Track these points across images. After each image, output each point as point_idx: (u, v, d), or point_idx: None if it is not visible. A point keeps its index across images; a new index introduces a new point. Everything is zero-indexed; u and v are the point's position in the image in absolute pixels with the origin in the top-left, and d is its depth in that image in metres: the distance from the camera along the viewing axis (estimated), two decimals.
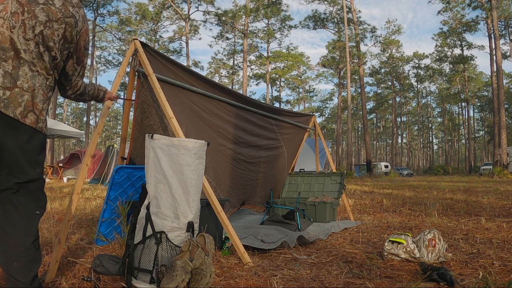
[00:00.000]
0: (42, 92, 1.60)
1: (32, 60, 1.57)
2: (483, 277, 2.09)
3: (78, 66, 1.81)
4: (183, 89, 3.36)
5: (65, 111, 53.74)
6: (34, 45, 1.57)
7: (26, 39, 1.56)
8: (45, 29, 1.59)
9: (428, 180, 18.21)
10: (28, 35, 1.56)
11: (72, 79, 1.83)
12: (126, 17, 32.91)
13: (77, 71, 1.82)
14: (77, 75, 1.84)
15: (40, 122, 1.59)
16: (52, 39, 1.62)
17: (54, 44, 1.63)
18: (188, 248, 1.81)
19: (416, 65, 47.25)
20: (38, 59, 1.59)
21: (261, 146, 4.67)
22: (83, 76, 1.89)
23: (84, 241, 3.10)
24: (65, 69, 1.77)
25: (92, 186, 10.61)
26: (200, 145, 2.00)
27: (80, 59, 1.80)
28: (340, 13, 32.83)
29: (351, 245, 3.03)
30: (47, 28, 1.60)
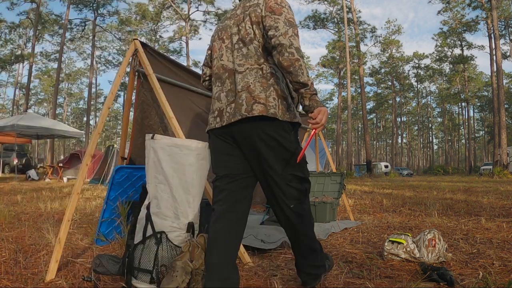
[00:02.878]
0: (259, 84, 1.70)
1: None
2: (483, 277, 2.09)
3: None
4: (183, 89, 3.36)
5: (65, 111, 53.76)
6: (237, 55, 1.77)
7: (231, 55, 1.78)
8: (242, 30, 1.77)
9: (428, 180, 18.22)
10: (229, 50, 1.80)
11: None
12: (126, 17, 32.92)
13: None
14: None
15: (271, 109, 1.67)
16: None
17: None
18: (188, 248, 1.81)
19: (416, 65, 47.27)
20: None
21: None
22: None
23: (84, 241, 3.10)
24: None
25: (92, 186, 10.61)
26: (203, 145, 2.00)
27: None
28: (340, 13, 32.83)
29: (351, 245, 3.03)
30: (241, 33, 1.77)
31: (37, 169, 18.43)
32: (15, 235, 3.28)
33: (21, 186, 10.24)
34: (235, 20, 1.81)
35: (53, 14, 30.28)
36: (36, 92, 50.78)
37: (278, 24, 1.64)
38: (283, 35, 1.62)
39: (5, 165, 19.02)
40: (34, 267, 2.34)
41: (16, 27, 29.70)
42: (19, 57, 27.60)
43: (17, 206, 5.41)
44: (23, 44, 35.56)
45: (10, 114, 43.89)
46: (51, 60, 38.43)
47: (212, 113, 1.82)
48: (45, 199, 6.49)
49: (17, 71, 44.95)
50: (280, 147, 1.67)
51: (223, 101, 1.75)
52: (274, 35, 1.64)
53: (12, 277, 2.13)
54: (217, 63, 1.84)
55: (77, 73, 49.93)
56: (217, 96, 1.79)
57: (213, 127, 1.79)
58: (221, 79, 1.80)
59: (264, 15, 1.70)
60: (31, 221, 4.09)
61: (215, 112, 1.80)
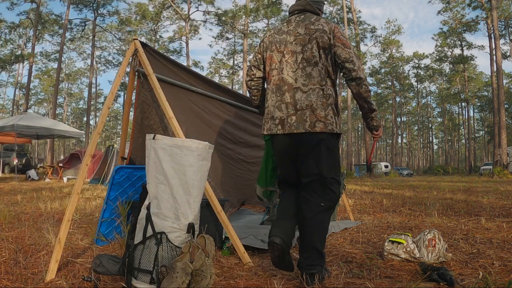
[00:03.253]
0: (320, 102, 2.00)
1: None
2: (483, 277, 2.09)
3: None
4: (183, 89, 3.37)
5: (65, 111, 53.74)
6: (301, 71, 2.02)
7: (293, 70, 2.03)
8: (307, 49, 2.03)
9: (428, 180, 18.21)
10: (293, 67, 2.03)
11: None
12: (126, 17, 32.90)
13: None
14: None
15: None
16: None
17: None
18: (189, 249, 1.81)
19: (416, 65, 47.27)
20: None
21: (261, 146, 4.67)
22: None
23: (84, 241, 3.10)
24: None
25: (92, 186, 10.61)
26: (204, 146, 2.00)
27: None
28: (340, 13, 32.84)
29: (351, 245, 3.03)
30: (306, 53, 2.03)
31: (37, 169, 18.43)
32: (15, 235, 3.28)
33: (21, 186, 10.24)
34: (298, 39, 2.04)
35: (53, 14, 30.26)
36: (36, 92, 50.78)
37: (353, 59, 1.98)
38: (359, 69, 1.99)
39: (5, 165, 19.02)
40: (34, 267, 2.34)
41: (16, 27, 29.68)
42: (19, 57, 27.58)
43: (17, 206, 5.41)
44: (23, 44, 35.58)
45: (10, 114, 43.89)
46: (51, 60, 38.43)
47: (272, 119, 2.08)
48: (45, 199, 6.48)
49: (17, 71, 44.98)
50: (329, 155, 2.00)
51: (284, 112, 2.03)
52: (353, 69, 1.98)
53: (12, 277, 2.13)
54: (278, 75, 2.08)
55: (77, 73, 49.92)
56: (278, 106, 2.06)
57: (274, 132, 2.07)
58: (280, 91, 2.06)
59: (333, 44, 2.00)
60: (31, 221, 4.09)
61: (276, 119, 2.06)
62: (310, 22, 2.06)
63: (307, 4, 2.14)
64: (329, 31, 2.00)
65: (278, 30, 2.16)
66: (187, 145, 1.94)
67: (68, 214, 2.28)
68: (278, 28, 2.17)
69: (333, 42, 2.00)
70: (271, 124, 2.09)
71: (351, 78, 2.00)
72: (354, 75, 1.98)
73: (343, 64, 1.99)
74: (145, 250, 1.87)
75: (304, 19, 2.09)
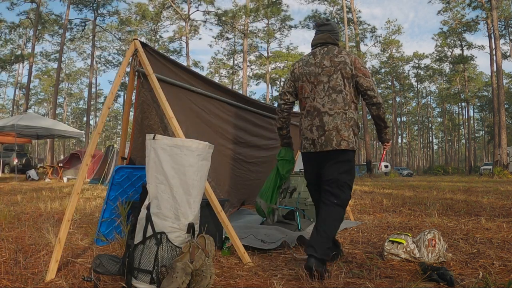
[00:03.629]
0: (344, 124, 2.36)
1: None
2: (483, 277, 2.09)
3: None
4: (183, 89, 3.36)
5: (65, 111, 53.74)
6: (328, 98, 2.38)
7: (321, 97, 2.38)
8: (332, 79, 2.38)
9: (428, 180, 18.21)
10: (321, 94, 2.39)
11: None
12: (126, 17, 32.89)
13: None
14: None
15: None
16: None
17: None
18: (189, 249, 1.81)
19: (416, 65, 47.26)
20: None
21: (261, 146, 4.67)
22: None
23: (84, 241, 3.10)
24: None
25: (92, 186, 10.61)
26: (204, 146, 2.00)
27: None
28: (340, 13, 32.82)
29: (351, 245, 3.03)
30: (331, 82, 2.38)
31: (37, 169, 18.42)
32: (15, 235, 3.28)
33: (21, 186, 10.24)
34: (324, 70, 2.40)
35: (53, 14, 30.22)
36: (36, 92, 50.76)
37: (373, 87, 2.37)
38: (378, 96, 2.40)
39: (5, 165, 19.02)
40: (34, 267, 2.34)
41: (16, 27, 29.65)
42: (19, 57, 27.56)
43: (17, 206, 5.41)
44: (23, 44, 35.56)
45: (10, 114, 43.88)
46: (51, 60, 38.40)
47: (306, 140, 2.46)
48: (45, 199, 6.48)
49: (17, 71, 44.96)
50: (348, 166, 2.39)
51: (315, 133, 2.40)
52: (374, 96, 2.38)
53: (12, 277, 2.13)
54: (310, 103, 2.44)
55: (77, 73, 49.90)
56: (310, 129, 2.43)
57: (308, 151, 2.46)
58: (312, 116, 2.42)
59: (355, 74, 2.36)
60: (31, 221, 4.09)
61: (309, 140, 2.44)
62: (334, 55, 2.40)
63: (328, 37, 2.49)
64: (350, 63, 2.36)
65: (306, 62, 2.50)
66: (187, 145, 1.94)
67: (68, 214, 2.28)
68: (306, 60, 2.52)
69: (354, 72, 2.36)
70: (305, 143, 2.47)
71: (372, 103, 2.39)
72: (375, 101, 2.38)
73: (365, 92, 2.37)
74: (145, 250, 1.87)
75: (327, 52, 2.43)
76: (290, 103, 2.63)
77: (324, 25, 2.53)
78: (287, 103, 2.62)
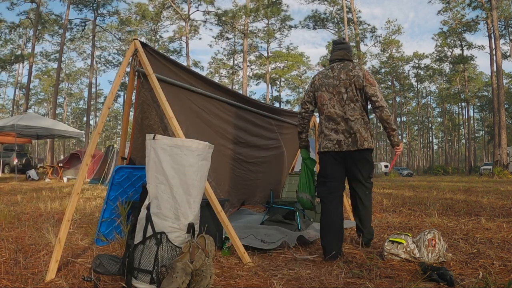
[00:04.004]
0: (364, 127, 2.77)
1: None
2: (483, 277, 2.09)
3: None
4: (183, 89, 3.36)
5: (65, 111, 53.74)
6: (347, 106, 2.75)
7: (341, 106, 2.76)
8: (349, 90, 2.75)
9: (428, 180, 18.21)
10: (340, 103, 2.76)
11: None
12: (126, 17, 32.89)
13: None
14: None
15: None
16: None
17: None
18: (189, 249, 1.81)
19: (416, 65, 47.24)
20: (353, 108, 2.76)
21: (261, 146, 4.67)
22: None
23: (84, 241, 3.10)
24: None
25: (92, 186, 10.61)
26: (204, 146, 2.00)
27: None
28: (340, 13, 32.84)
29: (351, 245, 3.03)
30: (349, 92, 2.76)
31: (37, 169, 18.42)
32: (15, 235, 3.28)
33: (21, 186, 10.24)
34: (342, 83, 2.76)
35: (53, 14, 30.22)
36: (36, 92, 50.76)
37: (377, 93, 2.73)
38: (381, 100, 2.74)
39: (5, 165, 19.01)
40: (34, 267, 2.34)
41: (16, 27, 29.64)
42: (19, 57, 27.55)
43: (17, 206, 5.41)
44: (23, 44, 35.56)
45: (10, 114, 43.88)
46: (51, 60, 38.39)
47: (330, 141, 2.78)
48: (45, 199, 6.48)
49: (17, 71, 44.96)
50: (369, 163, 2.83)
51: (341, 136, 2.74)
52: (377, 101, 2.73)
53: (12, 277, 2.13)
54: (330, 109, 2.79)
55: (77, 73, 49.89)
56: (335, 131, 2.77)
57: (332, 150, 2.77)
58: (335, 121, 2.77)
59: (364, 84, 2.73)
60: (31, 221, 4.09)
61: (333, 141, 2.76)
62: (349, 69, 2.78)
63: (344, 55, 2.88)
64: (362, 76, 2.75)
65: (325, 75, 2.86)
66: (187, 145, 1.94)
67: (68, 214, 2.28)
68: (325, 74, 2.87)
69: (364, 83, 2.73)
70: (327, 143, 2.79)
71: (376, 107, 2.76)
72: (377, 105, 2.73)
73: (370, 98, 2.76)
74: (145, 250, 1.87)
75: (344, 67, 2.81)
76: (310, 111, 2.96)
77: (341, 44, 2.93)
78: (308, 111, 2.96)
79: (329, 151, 2.79)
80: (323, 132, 2.83)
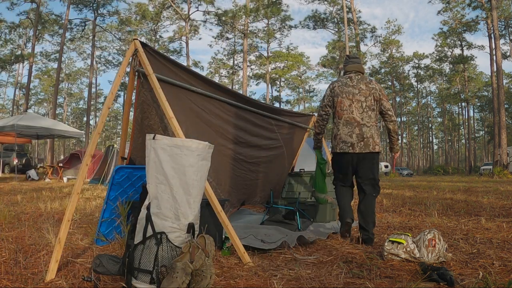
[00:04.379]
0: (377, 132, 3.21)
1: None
2: (483, 277, 2.09)
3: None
4: (183, 89, 3.36)
5: (65, 111, 53.73)
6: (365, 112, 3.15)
7: (360, 112, 3.13)
8: (368, 100, 3.16)
9: (428, 180, 18.21)
10: (359, 110, 3.13)
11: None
12: (126, 17, 32.88)
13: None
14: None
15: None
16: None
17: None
18: (189, 249, 1.81)
19: (416, 65, 47.22)
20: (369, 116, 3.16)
21: (261, 146, 4.67)
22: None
23: (84, 241, 3.10)
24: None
25: (92, 186, 10.61)
26: (204, 146, 2.00)
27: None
28: (340, 13, 32.84)
29: (351, 245, 3.03)
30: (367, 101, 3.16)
31: (37, 169, 18.42)
32: (15, 235, 3.28)
33: (21, 186, 10.24)
34: (361, 92, 3.15)
35: (53, 14, 30.19)
36: (36, 92, 50.75)
37: (390, 107, 3.21)
38: (394, 115, 3.22)
39: (5, 165, 19.01)
40: (34, 267, 2.34)
41: (16, 27, 29.62)
42: (19, 57, 27.54)
43: (17, 206, 5.41)
44: (23, 44, 35.54)
45: (10, 114, 43.87)
46: (51, 60, 38.38)
47: (344, 143, 3.15)
48: (45, 199, 6.48)
49: (17, 71, 44.94)
50: (376, 163, 3.20)
51: (354, 139, 3.11)
52: (392, 115, 3.20)
53: (12, 277, 2.13)
54: (350, 115, 3.14)
55: (77, 73, 49.88)
56: (350, 135, 3.13)
57: (347, 151, 3.14)
58: (352, 125, 3.13)
59: (381, 98, 3.18)
60: (31, 221, 4.09)
61: (347, 143, 3.13)
62: (368, 82, 3.20)
63: (361, 68, 3.28)
64: (378, 90, 3.18)
65: (344, 84, 3.21)
66: (187, 145, 1.94)
67: (68, 214, 2.28)
68: (344, 82, 3.22)
69: (381, 97, 3.18)
70: (342, 145, 3.15)
71: (391, 120, 3.21)
72: (393, 119, 3.21)
73: (387, 112, 3.19)
74: (145, 250, 1.87)
75: (362, 79, 3.21)
76: (329, 114, 3.30)
77: (356, 58, 3.33)
78: (327, 114, 3.30)
79: (344, 152, 3.16)
80: (339, 135, 3.18)
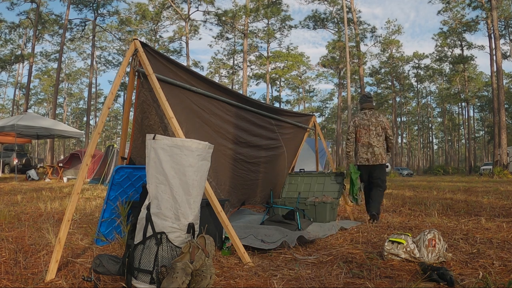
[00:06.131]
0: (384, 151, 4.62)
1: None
2: (483, 277, 2.09)
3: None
4: (183, 89, 3.36)
5: (65, 111, 53.72)
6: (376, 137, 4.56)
7: (371, 138, 4.52)
8: (377, 129, 4.55)
9: (428, 180, 18.21)
10: (372, 136, 4.51)
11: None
12: (126, 17, 32.88)
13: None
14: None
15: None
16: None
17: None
18: (189, 249, 1.81)
19: (416, 65, 47.21)
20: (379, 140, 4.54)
21: (261, 146, 4.67)
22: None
23: (84, 241, 3.10)
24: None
25: (92, 186, 10.61)
26: (204, 146, 2.00)
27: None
28: (340, 13, 32.83)
29: (351, 245, 3.03)
30: (378, 128, 4.56)
31: (37, 169, 18.42)
32: (15, 235, 3.28)
33: (21, 186, 10.24)
34: (372, 124, 4.52)
35: (53, 14, 30.16)
36: (36, 92, 50.75)
37: (391, 134, 4.61)
38: (393, 137, 4.70)
39: (5, 165, 19.01)
40: (34, 267, 2.34)
41: (16, 27, 29.62)
42: (19, 57, 27.55)
43: (17, 206, 5.41)
44: (23, 44, 35.53)
45: (10, 114, 43.87)
46: (51, 60, 38.40)
47: (362, 158, 4.53)
48: (45, 199, 6.49)
49: (17, 71, 44.94)
50: (384, 171, 4.57)
51: (369, 156, 4.50)
52: (392, 139, 4.63)
53: (12, 277, 2.13)
54: (365, 140, 4.52)
55: (77, 73, 49.90)
56: (366, 153, 4.52)
57: (364, 164, 4.54)
58: (367, 147, 4.51)
59: (386, 128, 4.55)
60: (31, 221, 4.09)
61: (364, 158, 4.52)
62: (377, 116, 4.56)
63: (372, 106, 4.65)
64: (384, 122, 4.55)
65: (361, 118, 4.58)
66: (187, 145, 1.94)
67: (68, 214, 2.28)
68: (361, 117, 4.59)
69: (385, 126, 4.55)
70: (361, 160, 4.53)
71: (390, 141, 4.63)
72: (391, 140, 4.63)
73: (389, 137, 4.60)
74: (145, 250, 1.87)
75: (373, 114, 4.58)
76: (354, 138, 4.61)
77: (371, 97, 4.72)
78: (353, 138, 4.62)
79: (362, 165, 4.53)
80: (359, 153, 4.55)
